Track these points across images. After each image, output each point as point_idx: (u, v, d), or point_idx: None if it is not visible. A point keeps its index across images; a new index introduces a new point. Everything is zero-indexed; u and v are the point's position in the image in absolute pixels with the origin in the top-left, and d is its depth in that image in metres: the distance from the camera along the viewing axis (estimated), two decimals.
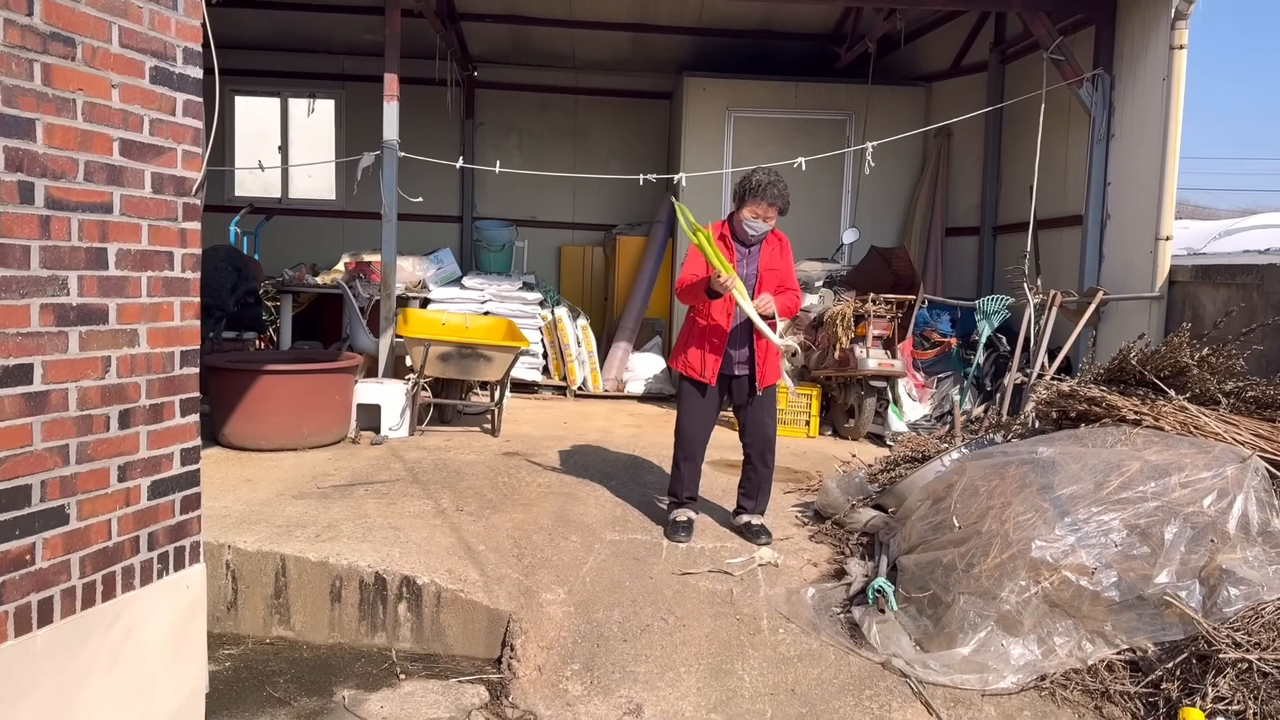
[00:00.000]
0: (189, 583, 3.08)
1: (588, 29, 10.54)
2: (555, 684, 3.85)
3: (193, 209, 3.03)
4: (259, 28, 11.03)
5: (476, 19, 10.48)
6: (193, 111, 3.06)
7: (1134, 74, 7.08)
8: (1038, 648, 3.78)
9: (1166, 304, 6.73)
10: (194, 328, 3.06)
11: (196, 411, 3.09)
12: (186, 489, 3.06)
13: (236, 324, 7.82)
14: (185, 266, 3.01)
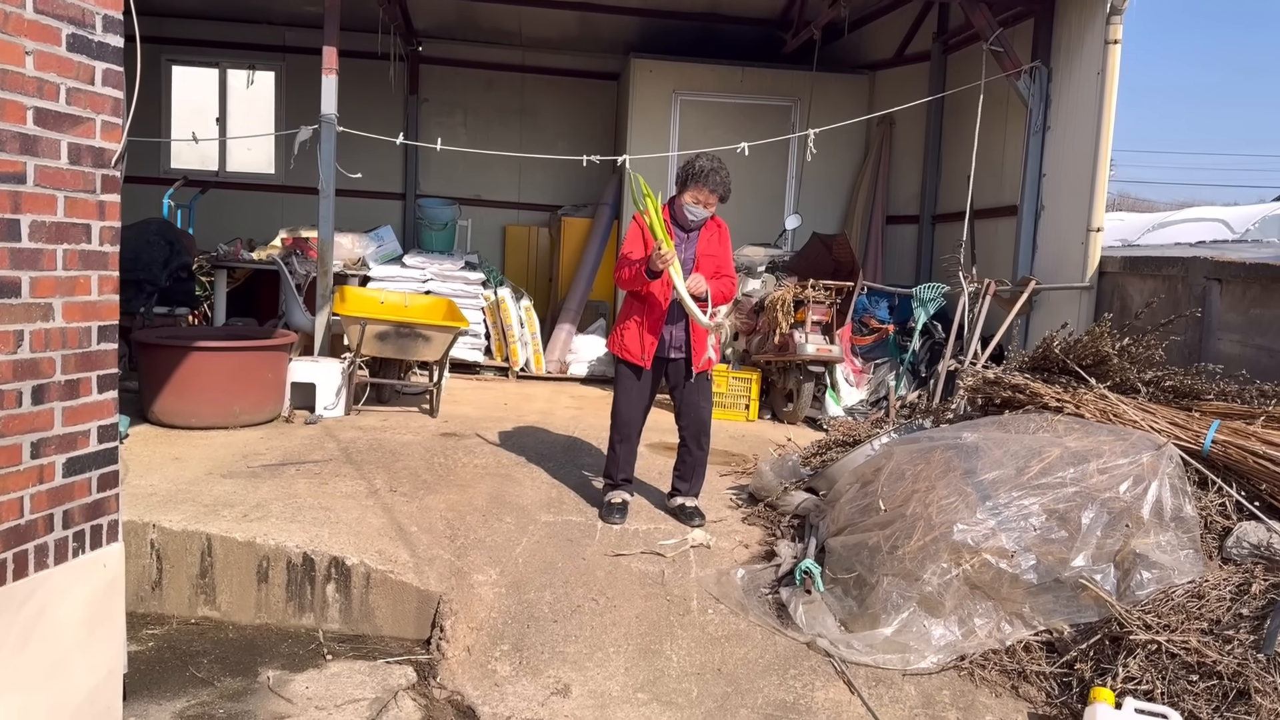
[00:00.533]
0: (106, 562, 3.03)
1: (534, 6, 10.44)
2: (484, 664, 3.86)
3: (112, 181, 2.96)
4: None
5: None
6: (113, 81, 2.99)
7: (1070, 67, 7.21)
8: (958, 629, 3.86)
9: (1096, 294, 6.88)
10: (112, 302, 2.99)
11: (115, 388, 3.02)
12: (103, 466, 3.00)
13: (169, 299, 7.67)
14: (104, 240, 2.95)
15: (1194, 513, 3.76)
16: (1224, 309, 5.54)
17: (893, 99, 9.48)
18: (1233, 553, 3.73)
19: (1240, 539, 3.73)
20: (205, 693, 3.63)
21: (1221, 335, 5.56)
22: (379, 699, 3.63)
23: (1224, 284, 5.55)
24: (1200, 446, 3.92)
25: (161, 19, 11.30)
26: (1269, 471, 3.72)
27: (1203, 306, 5.65)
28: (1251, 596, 3.44)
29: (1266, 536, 3.67)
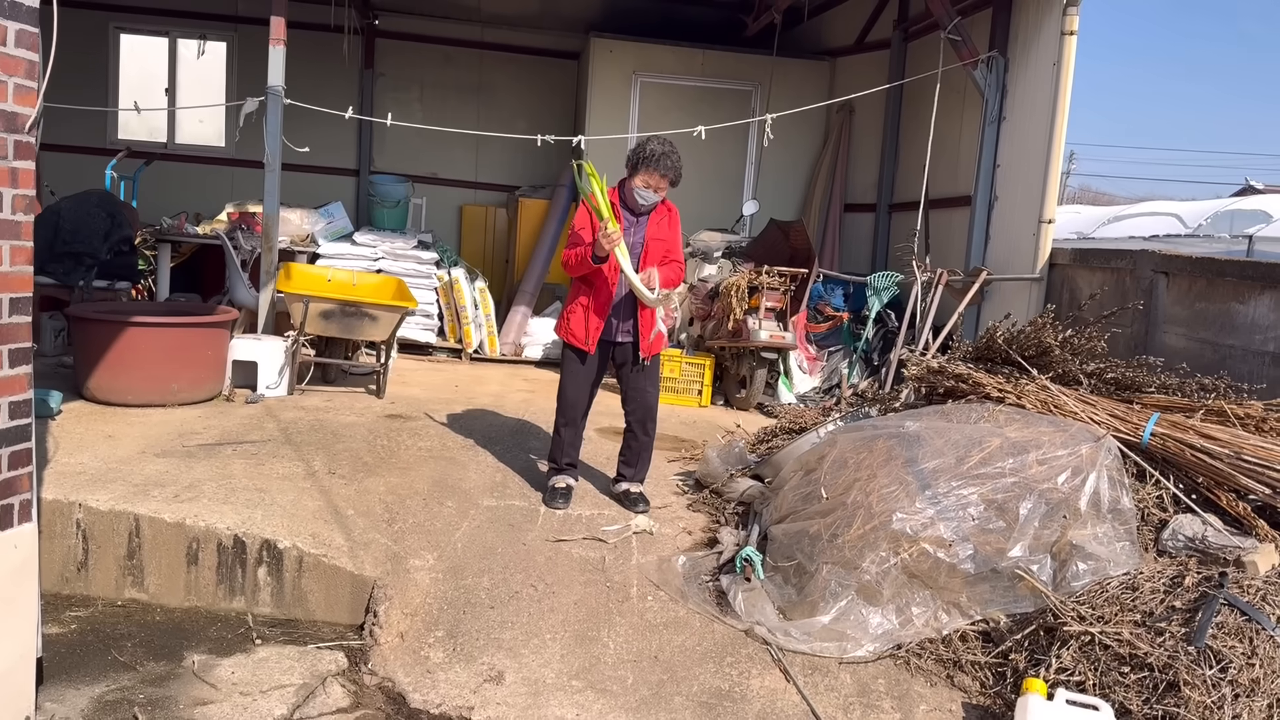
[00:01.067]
0: (17, 543, 2.91)
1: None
2: (417, 651, 3.79)
3: (25, 147, 2.84)
4: None
5: None
6: (26, 42, 2.87)
7: (1026, 58, 7.21)
8: (896, 618, 3.85)
9: (1046, 286, 6.91)
10: (25, 274, 2.87)
11: (28, 362, 2.91)
12: (16, 444, 2.88)
13: (110, 273, 7.46)
14: (16, 208, 2.82)
15: (1131, 505, 3.77)
16: (1170, 302, 5.58)
17: (853, 86, 9.45)
18: (1168, 545, 3.75)
19: (1176, 531, 3.75)
20: (126, 677, 3.53)
21: (1167, 328, 5.60)
22: (306, 685, 3.55)
23: (1170, 277, 5.58)
24: (1139, 439, 3.93)
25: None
26: (1205, 465, 3.74)
27: (1149, 299, 5.68)
28: (1184, 589, 3.46)
29: (1202, 529, 3.69)
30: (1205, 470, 3.75)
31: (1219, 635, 3.24)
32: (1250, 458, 3.63)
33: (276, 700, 3.42)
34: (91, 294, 7.23)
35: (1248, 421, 3.93)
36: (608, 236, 4.46)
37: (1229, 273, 5.06)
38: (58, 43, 9.83)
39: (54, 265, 7.27)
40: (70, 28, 10.49)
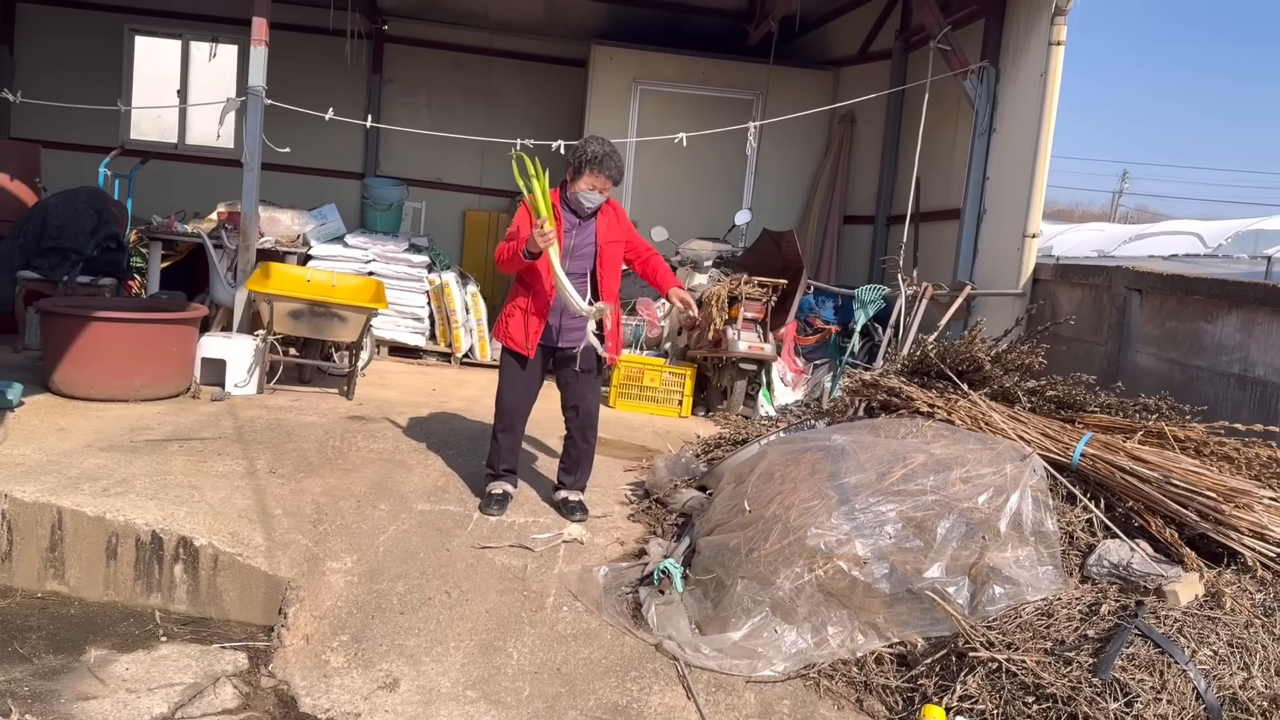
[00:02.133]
0: None
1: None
2: (319, 654, 3.73)
3: None
4: None
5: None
6: None
7: (1016, 68, 7.06)
8: (811, 637, 3.73)
9: (1029, 301, 6.73)
10: None
11: None
12: None
13: (95, 269, 7.53)
14: None
15: (1055, 527, 3.61)
16: (1143, 320, 5.39)
17: (855, 96, 9.34)
18: (1093, 571, 3.59)
19: (1101, 557, 3.59)
20: (19, 669, 3.51)
21: (1140, 347, 5.41)
22: (196, 684, 3.51)
23: (1144, 295, 5.40)
24: (1070, 459, 3.78)
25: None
26: (1134, 489, 3.57)
27: (1122, 317, 5.50)
28: (1100, 617, 3.30)
29: (1128, 556, 3.53)
30: (1135, 494, 3.59)
31: (1128, 667, 3.09)
32: (1179, 482, 3.46)
33: (160, 698, 3.38)
34: (75, 289, 7.30)
35: (1187, 445, 3.76)
36: (543, 235, 4.39)
37: (1197, 291, 4.88)
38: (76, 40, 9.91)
39: (40, 260, 7.36)
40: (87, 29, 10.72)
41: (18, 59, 11.21)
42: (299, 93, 7.96)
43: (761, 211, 10.22)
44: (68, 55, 11.12)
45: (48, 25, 11.23)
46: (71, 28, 11.23)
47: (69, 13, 11.20)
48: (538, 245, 4.41)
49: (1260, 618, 3.15)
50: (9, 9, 11.18)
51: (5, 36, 11.18)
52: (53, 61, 11.08)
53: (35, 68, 11.09)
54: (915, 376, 4.44)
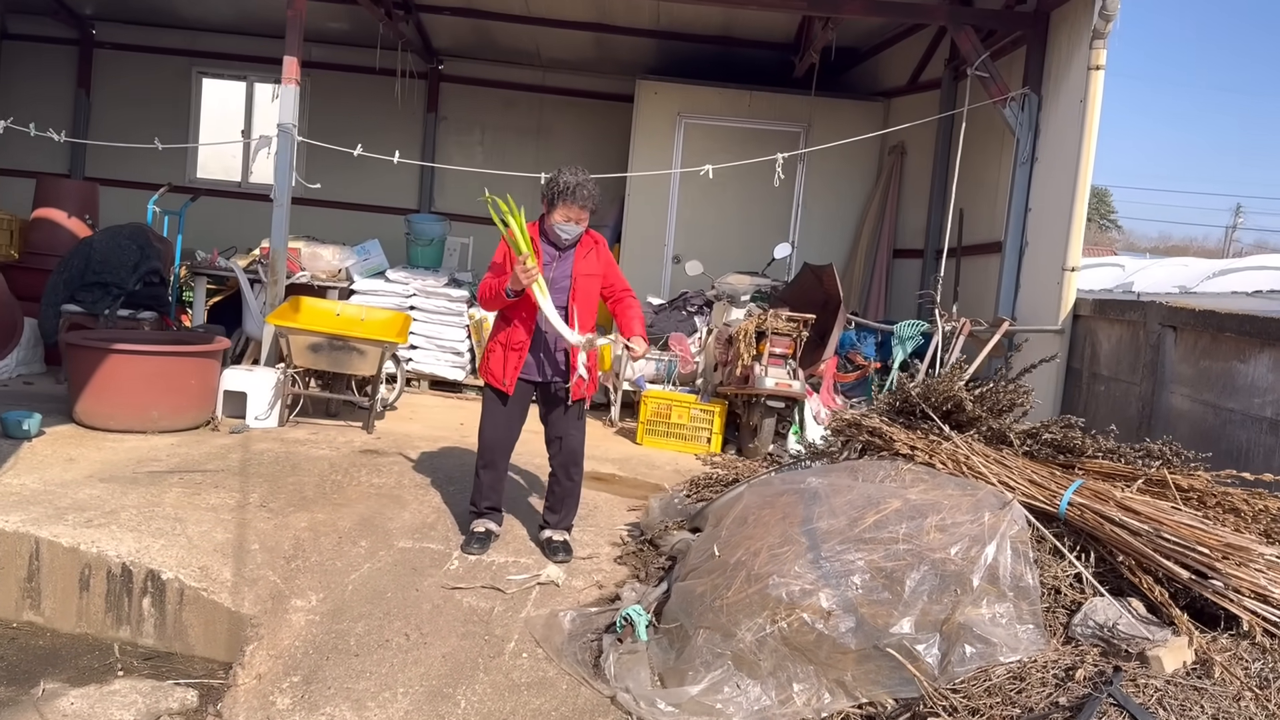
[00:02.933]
0: None
1: (548, 26, 10.38)
2: (267, 695, 3.64)
3: None
4: (222, 11, 11.02)
5: (434, 10, 10.37)
6: None
7: (1057, 95, 6.74)
8: (775, 694, 3.48)
9: (1070, 338, 6.37)
10: None
11: None
12: None
13: (137, 302, 7.72)
14: None
15: (1035, 582, 3.32)
16: (1177, 360, 5.02)
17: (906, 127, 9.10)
18: (1077, 631, 3.28)
19: (1087, 616, 3.28)
20: None
21: (1174, 388, 5.04)
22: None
23: (1178, 332, 5.03)
24: (1058, 508, 3.48)
25: (194, 33, 11.62)
26: (1125, 542, 3.26)
27: (1157, 356, 5.13)
28: (1076, 683, 3.00)
29: (1116, 617, 3.21)
30: (1125, 548, 3.27)
31: None
32: (1170, 536, 3.14)
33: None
34: (115, 322, 7.48)
35: (1190, 495, 3.42)
36: (526, 271, 4.30)
37: (1228, 327, 4.50)
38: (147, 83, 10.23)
39: (83, 294, 7.57)
40: (157, 72, 11.12)
41: (93, 102, 11.71)
42: (358, 132, 8.10)
43: (808, 245, 10.02)
44: (139, 97, 11.57)
45: (121, 69, 11.72)
46: (143, 71, 11.70)
47: (141, 57, 11.67)
48: (520, 283, 4.33)
49: (1253, 690, 2.82)
50: (87, 55, 11.70)
51: (83, 80, 11.70)
52: (125, 103, 11.53)
53: (109, 110, 11.57)
54: (902, 416, 4.18)
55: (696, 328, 8.51)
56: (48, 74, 11.70)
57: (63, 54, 11.72)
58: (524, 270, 4.31)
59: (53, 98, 11.60)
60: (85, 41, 11.68)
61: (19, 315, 7.94)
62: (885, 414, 4.22)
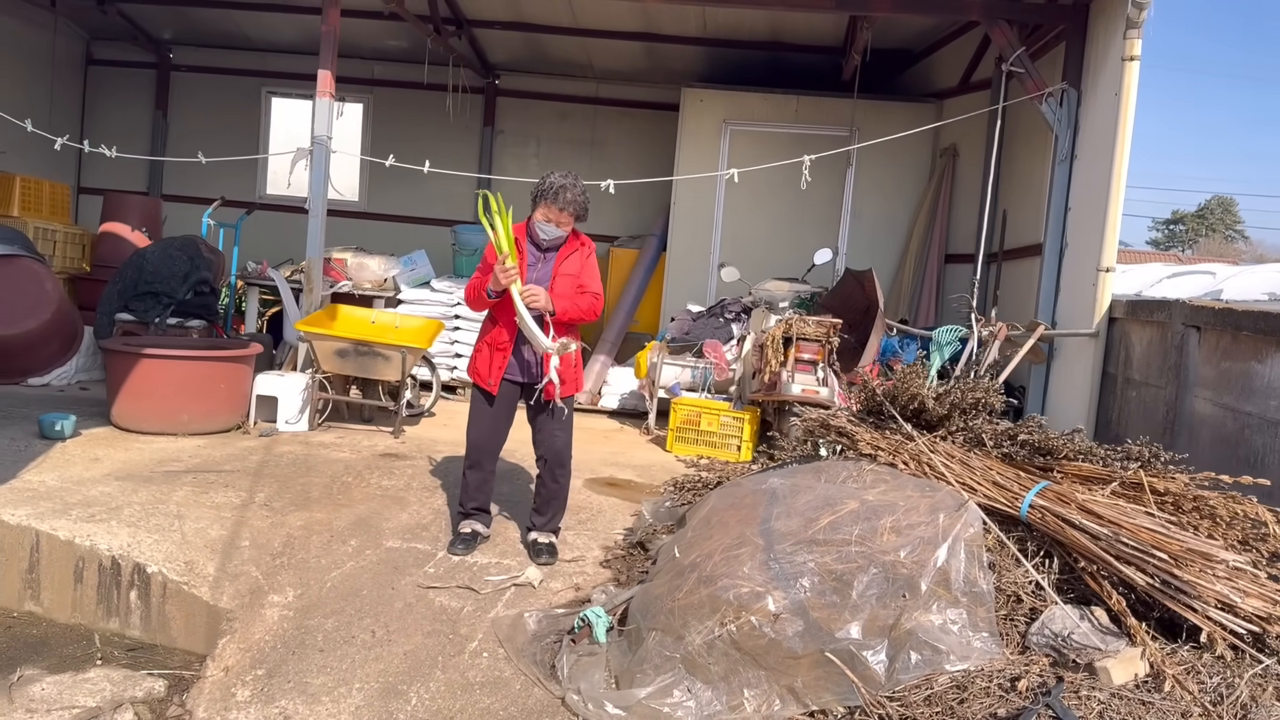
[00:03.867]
0: None
1: (597, 37, 10.42)
2: (229, 687, 3.69)
3: None
4: (288, 33, 11.38)
5: (485, 25, 10.52)
6: None
7: (1095, 88, 6.47)
8: (726, 700, 3.38)
9: (1106, 341, 6.07)
10: None
11: None
12: None
13: (187, 311, 7.99)
14: None
15: (989, 587, 3.15)
16: (1200, 361, 4.73)
17: (957, 127, 8.86)
18: (1033, 640, 3.10)
19: (1044, 625, 3.09)
20: None
21: (1198, 391, 4.74)
22: (93, 709, 3.54)
23: (1202, 332, 4.74)
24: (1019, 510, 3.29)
25: (263, 54, 12.03)
26: (1084, 547, 3.07)
27: (1180, 357, 4.85)
28: (1017, 694, 2.84)
29: (1074, 625, 3.02)
30: (1085, 553, 3.08)
31: None
32: (1129, 540, 2.94)
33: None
34: (165, 330, 7.76)
35: (1165, 498, 3.20)
36: (505, 271, 4.31)
37: (1245, 326, 4.20)
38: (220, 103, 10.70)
39: (136, 303, 7.88)
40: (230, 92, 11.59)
41: (170, 123, 12.22)
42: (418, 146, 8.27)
43: (858, 251, 9.82)
44: (213, 117, 12.04)
45: (196, 91, 12.21)
46: (216, 92, 12.17)
47: (214, 78, 12.14)
48: (500, 283, 4.34)
49: (1205, 705, 2.62)
50: (165, 78, 12.23)
51: (161, 102, 12.23)
52: (200, 123, 12.01)
53: (185, 129, 12.06)
54: (873, 416, 4.03)
55: (733, 334, 8.40)
56: (129, 97, 12.26)
57: (143, 77, 12.27)
58: (503, 270, 4.32)
59: (134, 119, 12.15)
60: (163, 65, 12.21)
61: (79, 324, 8.27)
62: (857, 415, 4.07)
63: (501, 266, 4.33)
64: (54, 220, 9.31)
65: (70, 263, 9.35)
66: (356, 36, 11.16)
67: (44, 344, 7.86)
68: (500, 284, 4.35)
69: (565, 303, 4.41)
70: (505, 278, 4.33)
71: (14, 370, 7.74)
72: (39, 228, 8.94)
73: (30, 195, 9.15)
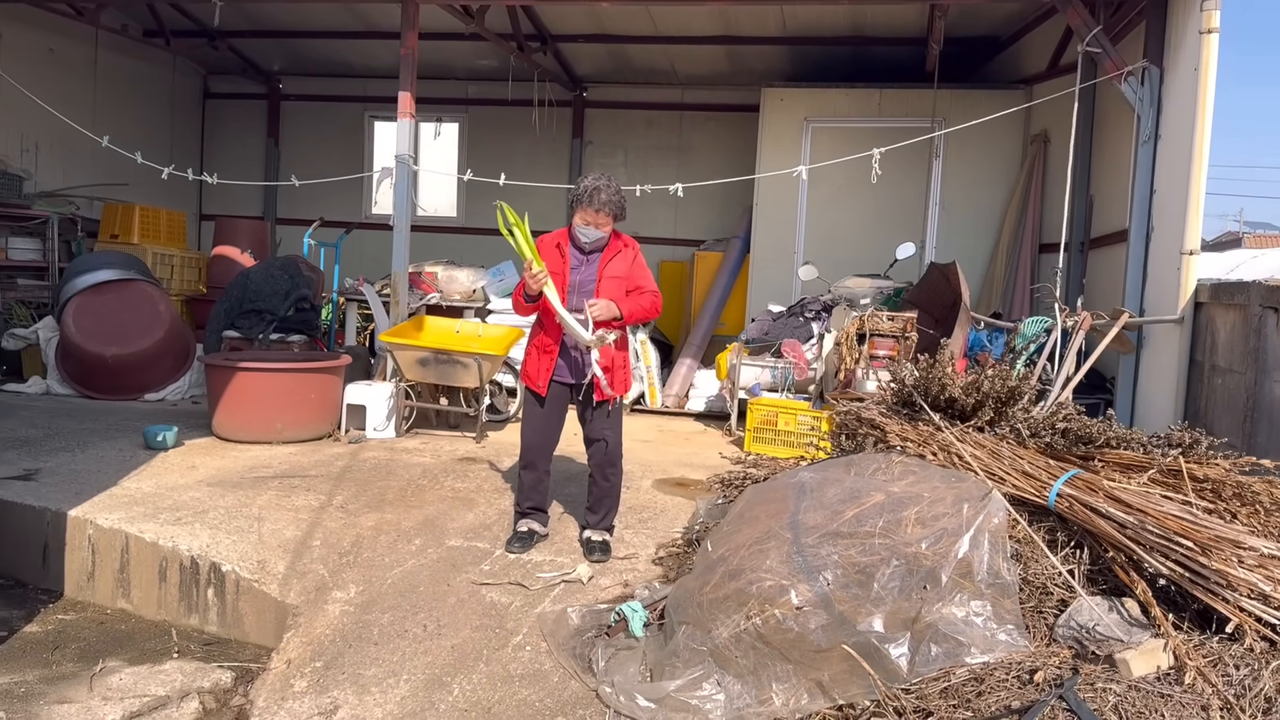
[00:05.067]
0: None
1: (677, 44, 10.52)
2: (289, 679, 3.89)
3: None
4: (386, 59, 11.82)
5: (569, 39, 10.73)
6: None
7: (1176, 65, 6.19)
8: (755, 693, 3.40)
9: (1192, 327, 5.80)
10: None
11: None
12: None
13: (288, 327, 8.40)
14: None
15: (1013, 579, 3.07)
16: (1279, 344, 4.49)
17: (1047, 112, 8.63)
18: (1059, 632, 3.01)
19: (1071, 617, 3.00)
20: (34, 673, 3.96)
21: (1277, 376, 4.50)
22: (163, 697, 3.79)
23: (1279, 314, 4.50)
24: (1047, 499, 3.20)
25: (365, 80, 12.56)
26: (1111, 536, 2.96)
27: (1259, 340, 4.61)
28: (1035, 686, 2.77)
29: (1100, 617, 2.93)
30: (1113, 542, 2.97)
31: None
32: (1154, 528, 2.82)
33: (120, 708, 3.68)
34: (269, 345, 8.19)
35: (1204, 484, 3.06)
36: (534, 277, 4.45)
37: None
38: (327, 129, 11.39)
39: (241, 321, 8.34)
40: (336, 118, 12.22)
41: (281, 149, 12.87)
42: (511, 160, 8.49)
43: (948, 244, 9.61)
44: (320, 143, 12.61)
45: (304, 118, 12.82)
46: (323, 119, 12.76)
47: (320, 106, 12.74)
48: (532, 288, 4.47)
49: (1227, 699, 2.51)
50: (274, 108, 12.89)
51: (272, 130, 12.89)
52: (308, 149, 12.61)
53: (295, 155, 12.67)
54: (906, 408, 3.95)
55: (813, 333, 8.33)
56: (243, 127, 12.97)
57: (255, 108, 12.96)
58: (530, 276, 4.44)
59: (248, 147, 12.86)
60: (273, 95, 12.87)
61: (191, 342, 8.86)
62: (891, 407, 4.02)
63: (529, 272, 4.44)
64: (171, 246, 9.94)
65: (187, 285, 9.95)
66: (449, 58, 11.55)
67: (158, 361, 8.45)
68: (533, 289, 4.46)
69: (629, 305, 4.52)
70: (535, 282, 4.44)
71: (132, 386, 8.33)
72: (157, 253, 9.56)
73: (149, 223, 9.78)
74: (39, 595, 4.90)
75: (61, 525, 4.91)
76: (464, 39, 9.98)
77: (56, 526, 4.92)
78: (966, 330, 7.64)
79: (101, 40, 10.95)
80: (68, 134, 9.21)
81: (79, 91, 10.72)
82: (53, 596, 4.89)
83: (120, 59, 11.39)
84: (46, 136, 10.25)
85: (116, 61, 11.34)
